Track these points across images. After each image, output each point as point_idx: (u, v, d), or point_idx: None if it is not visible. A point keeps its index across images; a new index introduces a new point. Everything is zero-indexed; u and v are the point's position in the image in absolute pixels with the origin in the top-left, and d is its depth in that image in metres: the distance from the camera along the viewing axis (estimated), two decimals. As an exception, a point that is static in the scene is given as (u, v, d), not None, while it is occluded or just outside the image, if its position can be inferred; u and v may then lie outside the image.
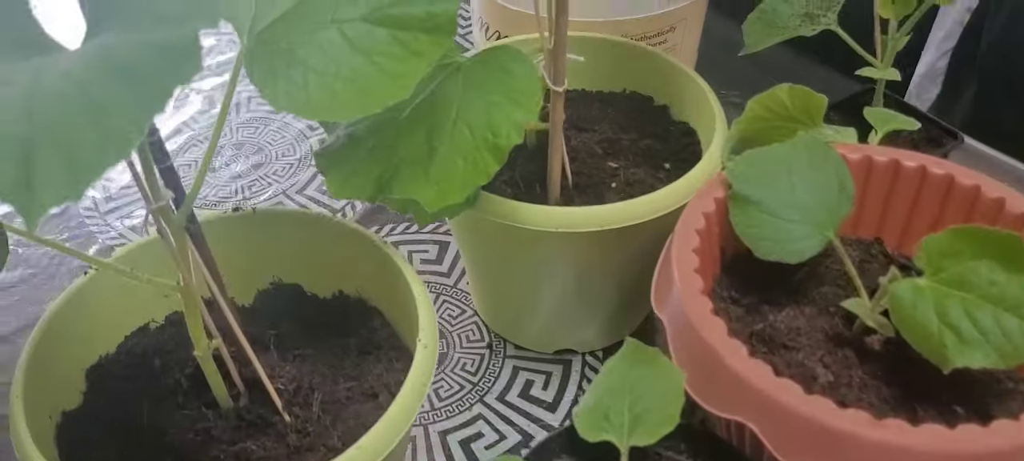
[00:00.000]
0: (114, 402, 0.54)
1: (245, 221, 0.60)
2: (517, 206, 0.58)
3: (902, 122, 0.65)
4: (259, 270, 0.62)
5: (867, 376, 0.51)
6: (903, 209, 0.60)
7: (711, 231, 0.57)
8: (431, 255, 0.83)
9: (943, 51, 1.14)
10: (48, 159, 0.26)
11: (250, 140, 0.98)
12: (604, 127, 0.72)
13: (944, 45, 1.14)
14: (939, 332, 0.47)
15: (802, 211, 0.54)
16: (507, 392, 0.70)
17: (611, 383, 0.51)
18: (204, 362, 0.50)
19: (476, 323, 0.76)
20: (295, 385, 0.53)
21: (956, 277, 0.48)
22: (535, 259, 0.64)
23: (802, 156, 0.55)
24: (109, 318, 0.57)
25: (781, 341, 0.54)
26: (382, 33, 0.42)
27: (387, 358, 0.56)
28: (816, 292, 0.57)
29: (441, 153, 0.51)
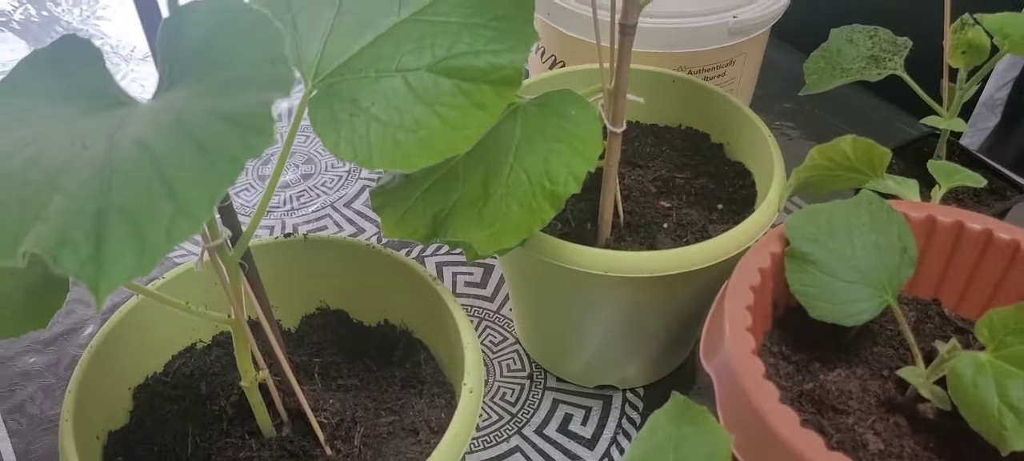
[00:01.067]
0: (160, 424, 0.54)
1: (295, 247, 0.60)
2: (567, 247, 0.58)
3: (966, 177, 0.63)
4: (307, 295, 0.62)
5: (919, 446, 0.50)
6: (964, 271, 0.58)
7: (765, 286, 0.55)
8: (475, 278, 0.83)
9: (1004, 81, 1.12)
10: (119, 235, 0.26)
11: (300, 149, 0.99)
12: (658, 164, 0.71)
13: (1006, 75, 1.12)
14: (999, 412, 0.45)
15: (861, 273, 0.53)
16: (545, 425, 0.70)
17: (656, 439, 0.50)
18: (250, 392, 0.50)
19: (517, 352, 0.75)
20: (338, 418, 0.53)
21: (1020, 355, 0.46)
22: (582, 299, 0.63)
23: (864, 215, 0.54)
24: (157, 338, 0.57)
25: (831, 403, 0.52)
26: (447, 84, 0.41)
27: (429, 394, 0.56)
28: (869, 353, 0.56)
29: (496, 197, 0.50)
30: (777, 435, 0.46)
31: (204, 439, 0.53)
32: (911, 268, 0.53)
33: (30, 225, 0.26)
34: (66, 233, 0.26)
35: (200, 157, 0.28)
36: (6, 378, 0.74)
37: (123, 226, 0.26)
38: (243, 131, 0.28)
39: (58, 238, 0.26)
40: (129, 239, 0.26)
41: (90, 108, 0.32)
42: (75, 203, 0.26)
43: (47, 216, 0.26)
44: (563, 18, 0.80)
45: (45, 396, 0.72)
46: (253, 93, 0.29)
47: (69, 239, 0.26)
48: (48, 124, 0.30)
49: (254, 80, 0.30)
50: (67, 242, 0.26)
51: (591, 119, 0.52)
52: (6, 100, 0.32)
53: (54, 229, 0.26)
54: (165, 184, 0.27)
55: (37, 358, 0.75)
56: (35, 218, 0.26)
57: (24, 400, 0.72)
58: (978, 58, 0.67)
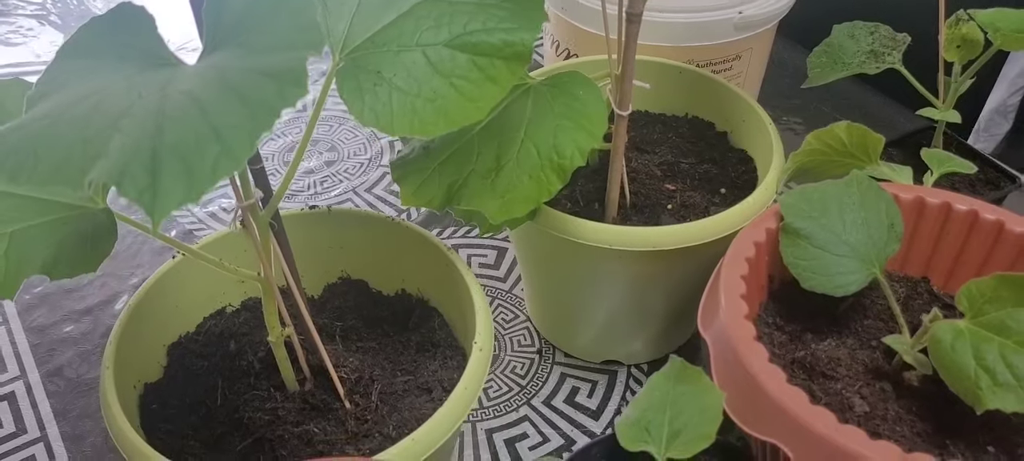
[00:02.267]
0: (191, 378, 0.58)
1: (319, 219, 0.64)
2: (575, 221, 0.61)
3: (958, 164, 0.66)
4: (329, 265, 0.66)
5: (902, 410, 0.53)
6: (952, 251, 0.61)
7: (760, 259, 0.59)
8: (489, 260, 0.86)
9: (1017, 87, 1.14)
10: (172, 169, 0.30)
11: (324, 137, 1.03)
12: (664, 150, 0.75)
13: (1018, 82, 1.14)
14: (975, 374, 0.48)
15: (851, 247, 0.56)
16: (553, 397, 0.73)
17: (654, 398, 0.53)
18: (276, 347, 0.54)
19: (528, 328, 0.79)
20: (357, 375, 0.57)
21: (996, 322, 0.49)
22: (589, 273, 0.66)
23: (854, 194, 0.57)
24: (190, 300, 0.61)
25: (821, 370, 0.56)
26: (462, 58, 0.45)
27: (442, 356, 0.60)
28: (859, 325, 0.59)
29: (508, 169, 0.54)
30: (764, 391, 0.49)
31: (232, 391, 0.56)
32: (897, 243, 0.56)
33: (94, 161, 0.30)
34: (126, 166, 0.30)
35: (242, 107, 0.31)
36: (45, 345, 0.78)
37: (175, 162, 0.30)
38: (280, 83, 0.31)
39: (120, 170, 0.30)
40: (180, 173, 0.30)
41: (144, 66, 0.35)
42: (133, 142, 0.30)
43: (109, 153, 0.30)
44: (576, 12, 0.84)
45: (82, 361, 0.76)
46: (288, 52, 0.33)
47: (128, 171, 0.30)
48: (108, 79, 0.34)
49: (289, 42, 0.34)
50: (127, 173, 0.29)
51: (597, 99, 0.56)
52: (71, 60, 0.36)
53: (115, 163, 0.30)
54: (212, 129, 0.31)
55: (74, 327, 0.80)
56: (98, 155, 0.30)
57: (62, 365, 0.76)
58: (972, 52, 0.70)
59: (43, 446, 0.70)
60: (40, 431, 0.71)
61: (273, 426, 0.54)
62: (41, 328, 0.80)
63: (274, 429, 0.54)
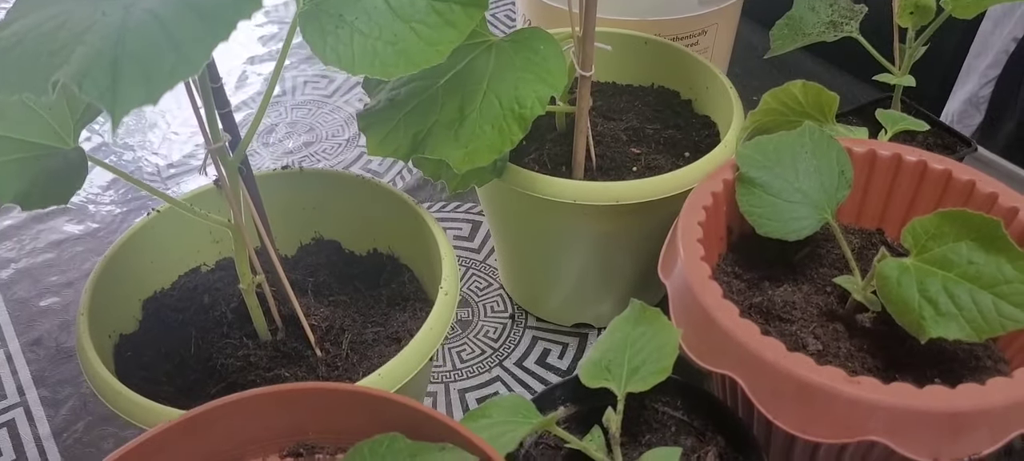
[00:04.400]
0: (166, 330, 0.60)
1: (292, 179, 0.65)
2: (541, 178, 0.63)
3: (911, 123, 0.69)
4: (302, 225, 0.68)
5: (854, 348, 0.55)
6: (904, 201, 0.63)
7: (719, 209, 0.61)
8: (463, 232, 0.88)
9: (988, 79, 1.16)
10: (131, 74, 0.32)
11: (303, 120, 1.05)
12: (630, 117, 0.77)
13: (989, 73, 1.16)
14: (919, 306, 0.50)
15: (803, 194, 0.58)
16: (525, 358, 0.75)
17: (615, 340, 0.55)
18: (247, 295, 0.55)
19: (501, 295, 0.81)
20: (327, 324, 0.58)
21: (939, 257, 0.51)
22: (556, 231, 0.68)
23: (807, 143, 0.59)
24: (165, 258, 0.63)
25: (777, 313, 0.58)
26: (421, 3, 0.47)
27: (412, 309, 0.61)
28: (815, 273, 0.61)
29: (471, 120, 0.56)
30: (717, 324, 0.51)
31: (205, 341, 0.58)
32: (848, 189, 0.58)
33: (58, 69, 0.32)
34: (88, 70, 0.31)
35: (199, 21, 0.33)
36: (26, 316, 0.79)
37: (134, 67, 0.32)
38: None
39: (82, 74, 0.31)
40: (139, 77, 0.32)
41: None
42: (95, 51, 0.32)
43: (72, 61, 0.32)
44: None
45: (61, 331, 0.78)
46: (245, -28, 0.35)
47: (90, 74, 0.31)
48: (74, 2, 0.36)
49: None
50: (88, 76, 0.31)
51: (557, 53, 0.58)
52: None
53: (78, 68, 0.32)
54: (170, 40, 0.32)
55: (55, 299, 0.81)
56: (62, 63, 0.32)
57: (41, 335, 0.78)
58: (925, 18, 0.72)
59: (23, 411, 0.71)
60: (20, 397, 0.72)
61: (245, 372, 0.56)
62: (22, 300, 0.81)
63: (246, 375, 0.56)
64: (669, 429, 0.56)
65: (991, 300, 0.49)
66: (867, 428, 0.46)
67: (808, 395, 0.47)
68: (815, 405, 0.47)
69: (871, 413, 0.46)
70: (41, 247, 0.87)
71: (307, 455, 0.46)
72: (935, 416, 0.45)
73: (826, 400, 0.47)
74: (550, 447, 0.56)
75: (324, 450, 0.46)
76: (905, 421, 0.46)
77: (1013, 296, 0.48)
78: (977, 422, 0.46)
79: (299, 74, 1.13)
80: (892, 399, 0.46)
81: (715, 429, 0.55)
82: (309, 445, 0.46)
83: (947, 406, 0.45)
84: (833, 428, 0.47)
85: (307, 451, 0.46)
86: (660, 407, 0.57)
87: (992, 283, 0.49)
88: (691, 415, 0.56)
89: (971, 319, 0.49)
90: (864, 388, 0.46)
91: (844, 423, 0.47)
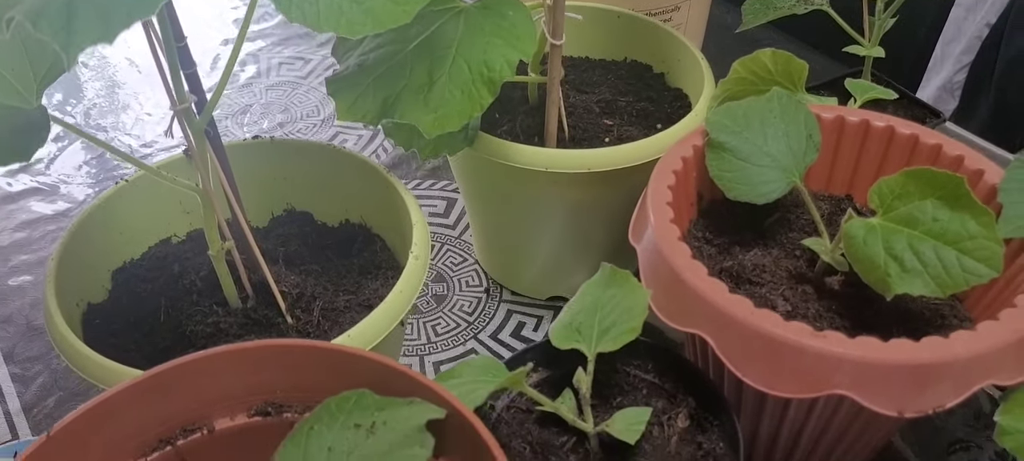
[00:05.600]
0: (135, 299, 0.59)
1: (263, 149, 0.65)
2: (512, 146, 0.63)
3: (879, 92, 0.69)
4: (274, 196, 0.67)
5: (822, 309, 0.56)
6: (872, 167, 0.64)
7: (689, 175, 0.61)
8: (438, 209, 0.88)
9: (962, 65, 1.17)
10: (86, 14, 0.31)
11: (277, 101, 1.04)
12: (603, 90, 0.77)
13: (963, 59, 1.17)
14: (884, 264, 0.51)
15: (772, 158, 0.58)
16: (500, 331, 0.75)
17: (586, 302, 0.55)
18: (217, 262, 0.55)
19: (476, 270, 0.81)
20: (298, 291, 0.58)
21: (904, 215, 0.52)
22: (529, 202, 0.68)
23: (775, 108, 0.60)
24: (135, 228, 0.62)
25: (747, 276, 0.58)
26: (387, -39, 0.47)
27: (384, 276, 0.61)
28: (784, 237, 0.61)
29: (440, 84, 0.56)
30: (686, 284, 0.51)
31: (175, 308, 0.58)
32: (816, 152, 0.58)
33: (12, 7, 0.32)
34: (43, 9, 0.31)
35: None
36: (-5, 294, 0.79)
37: (90, 7, 0.31)
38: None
39: (37, 12, 0.31)
40: (95, 16, 0.31)
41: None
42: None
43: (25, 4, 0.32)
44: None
45: (31, 308, 0.77)
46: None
47: (45, 13, 0.31)
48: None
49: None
50: (44, 15, 0.31)
51: (526, 19, 0.58)
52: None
53: (33, 6, 0.31)
54: (128, -20, 0.32)
55: (25, 278, 0.80)
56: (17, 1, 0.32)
57: (12, 313, 0.77)
58: (894, -10, 0.73)
59: (-8, 387, 0.71)
60: (-10, 374, 0.72)
61: (215, 339, 0.55)
62: (-9, 279, 0.80)
63: (216, 341, 0.55)
64: (640, 392, 0.57)
65: (955, 256, 0.49)
66: (833, 382, 0.47)
67: (775, 350, 0.48)
68: (782, 360, 0.48)
69: (837, 367, 0.46)
70: (12, 226, 0.86)
71: (275, 414, 0.46)
72: (900, 368, 0.46)
73: (793, 355, 0.47)
74: (521, 411, 0.56)
75: (292, 409, 0.46)
76: (870, 374, 0.46)
77: (977, 251, 0.49)
78: (941, 374, 0.46)
79: (274, 55, 1.12)
80: (857, 352, 0.46)
81: (686, 391, 0.56)
82: (277, 404, 0.46)
83: (911, 358, 0.46)
84: (800, 383, 0.48)
85: (275, 410, 0.46)
86: (631, 370, 0.57)
87: (956, 239, 0.50)
88: (662, 378, 0.57)
89: (936, 275, 0.49)
90: (830, 342, 0.47)
91: (811, 378, 0.47)
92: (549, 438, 0.54)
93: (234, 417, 0.46)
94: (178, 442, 0.44)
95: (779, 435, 0.57)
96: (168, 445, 0.44)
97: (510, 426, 0.54)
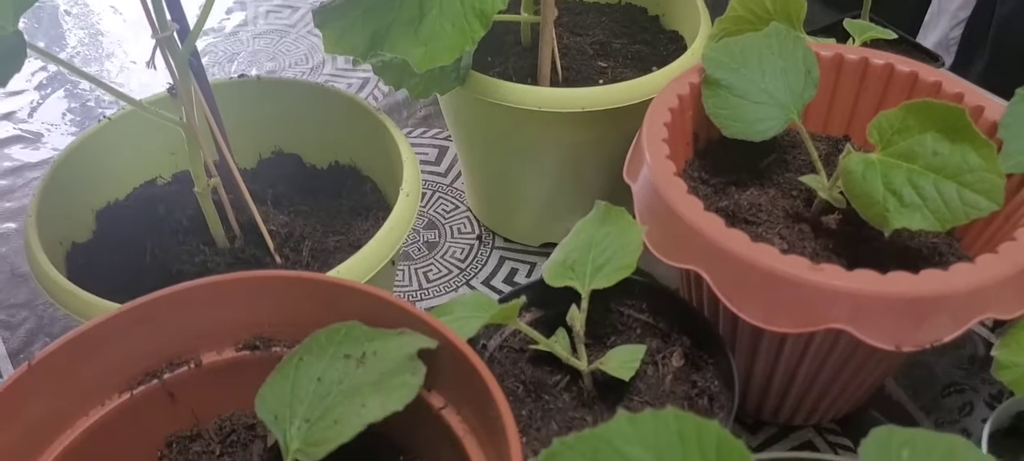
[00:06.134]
0: (121, 240, 0.58)
1: (250, 88, 0.64)
2: (504, 85, 0.62)
3: (878, 31, 0.68)
4: (262, 139, 0.66)
5: (819, 247, 0.55)
6: (871, 106, 0.63)
7: (685, 113, 0.60)
8: (430, 157, 0.87)
9: (958, 20, 1.16)
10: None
11: (265, 49, 1.03)
12: (597, 32, 0.76)
13: (959, 14, 1.16)
14: (883, 198, 0.50)
15: (769, 94, 0.57)
16: (492, 278, 0.74)
17: (580, 240, 0.54)
18: (203, 199, 0.54)
19: (468, 217, 0.80)
20: (287, 231, 0.57)
21: (904, 150, 0.51)
22: (522, 144, 0.67)
23: (773, 44, 0.59)
24: (119, 168, 0.61)
25: (743, 216, 0.57)
26: None
27: (374, 217, 0.60)
28: (781, 177, 0.61)
29: (431, 17, 0.54)
30: (682, 219, 0.50)
31: (161, 249, 0.57)
32: (814, 89, 0.57)
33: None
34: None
35: None
36: (-21, 242, 0.78)
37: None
38: None
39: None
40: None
41: None
42: None
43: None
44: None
45: (16, 256, 0.76)
46: None
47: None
48: None
49: None
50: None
51: (519, -49, 0.56)
52: None
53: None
54: None
55: (9, 225, 0.79)
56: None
57: (-4, 260, 0.76)
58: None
59: (-23, 333, 0.69)
60: (-25, 320, 0.71)
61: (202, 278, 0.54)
62: (-26, 226, 0.79)
63: (203, 281, 0.54)
64: (634, 331, 0.56)
65: (955, 189, 0.49)
66: (830, 316, 0.46)
67: (772, 284, 0.47)
68: (779, 294, 0.47)
69: (834, 300, 0.46)
70: (-5, 174, 0.85)
71: (264, 348, 0.45)
72: (898, 301, 0.45)
73: (790, 289, 0.46)
74: (515, 350, 0.55)
75: (281, 343, 0.45)
76: (868, 308, 0.46)
77: (977, 184, 0.48)
78: (939, 307, 0.46)
79: (262, 3, 1.10)
80: (855, 285, 0.45)
81: (680, 330, 0.55)
82: (266, 338, 0.45)
83: (910, 291, 0.45)
84: (796, 317, 0.47)
85: (264, 344, 0.45)
86: (625, 310, 0.57)
87: (956, 172, 0.49)
88: (656, 317, 0.56)
89: (935, 209, 0.49)
90: (827, 275, 0.46)
91: (807, 312, 0.47)
92: (542, 377, 0.53)
93: (221, 352, 0.45)
94: (165, 376, 0.44)
95: (773, 376, 0.56)
96: (154, 379, 0.43)
97: (503, 366, 0.54)
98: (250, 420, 0.46)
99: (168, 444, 0.45)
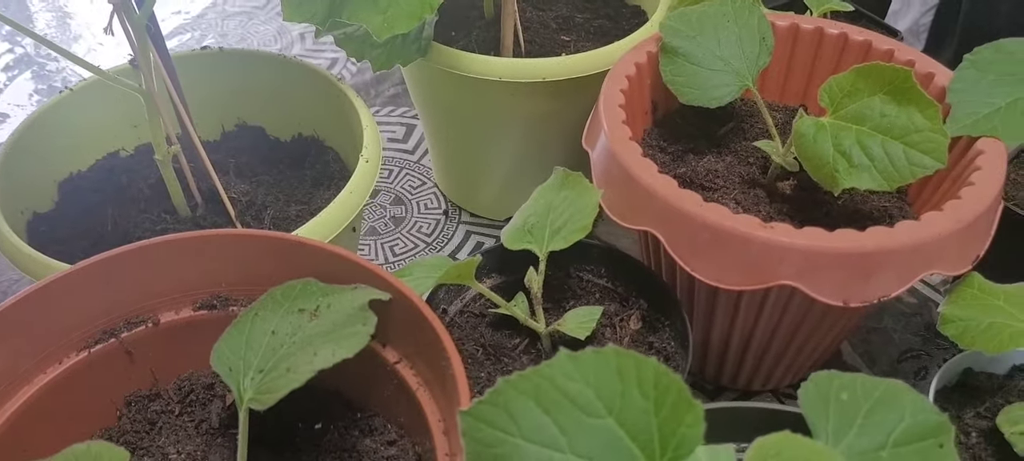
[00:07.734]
0: (82, 209, 0.58)
1: (212, 59, 0.64)
2: (466, 56, 0.63)
3: (836, 5, 0.69)
4: (225, 110, 0.66)
5: (774, 212, 0.56)
6: (826, 75, 0.63)
7: (643, 81, 0.61)
8: (398, 135, 0.87)
9: (928, 7, 1.17)
10: None
11: (233, 31, 1.03)
12: (560, 7, 0.76)
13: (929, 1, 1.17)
14: (833, 160, 0.51)
15: (725, 61, 0.58)
16: (458, 251, 0.75)
17: (538, 206, 0.55)
18: (164, 167, 0.54)
19: (435, 193, 0.80)
20: (248, 199, 0.57)
21: (853, 112, 0.52)
22: (485, 115, 0.68)
23: (729, 12, 0.59)
24: (81, 138, 0.61)
25: (700, 182, 0.58)
26: None
27: (336, 186, 0.60)
28: (738, 145, 0.62)
29: (390, -15, 0.55)
30: (637, 181, 0.51)
31: (123, 217, 0.57)
32: (769, 56, 0.58)
33: None
34: None
35: None
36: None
37: None
38: None
39: None
40: None
41: None
42: None
43: None
44: None
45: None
46: None
47: None
48: None
49: None
50: None
51: (478, -80, 0.57)
52: None
53: None
54: None
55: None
56: None
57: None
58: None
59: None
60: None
61: (163, 246, 0.55)
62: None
63: (164, 248, 0.54)
64: (593, 295, 0.57)
65: (902, 149, 0.50)
66: (780, 273, 0.47)
67: (723, 242, 0.48)
68: (730, 252, 0.48)
69: (783, 257, 0.47)
70: (-40, 153, 0.84)
71: (221, 307, 0.45)
72: (845, 257, 0.46)
73: (740, 246, 0.47)
74: (474, 315, 0.56)
75: (238, 302, 0.46)
76: (816, 263, 0.47)
77: (923, 144, 0.49)
78: (885, 262, 0.47)
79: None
80: (803, 242, 0.46)
81: (638, 294, 0.56)
82: (223, 297, 0.45)
83: (856, 247, 0.46)
84: (747, 274, 0.48)
85: (221, 303, 0.45)
86: (585, 275, 0.57)
87: (903, 133, 0.50)
88: (615, 281, 0.57)
89: (883, 169, 0.50)
90: (776, 232, 0.47)
91: (758, 269, 0.48)
92: (502, 340, 0.54)
93: (179, 311, 0.45)
94: (122, 334, 0.44)
95: (730, 339, 0.57)
96: (112, 337, 0.44)
97: (462, 330, 0.54)
98: (209, 380, 0.46)
99: (127, 403, 0.45)
